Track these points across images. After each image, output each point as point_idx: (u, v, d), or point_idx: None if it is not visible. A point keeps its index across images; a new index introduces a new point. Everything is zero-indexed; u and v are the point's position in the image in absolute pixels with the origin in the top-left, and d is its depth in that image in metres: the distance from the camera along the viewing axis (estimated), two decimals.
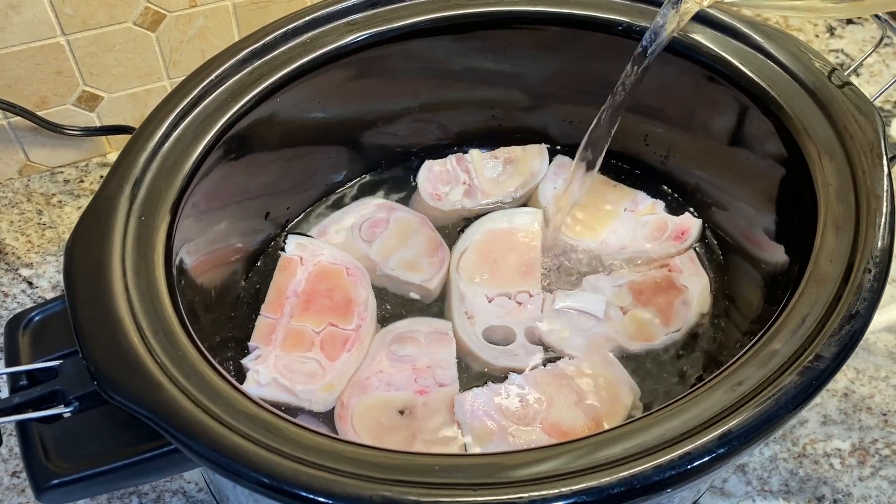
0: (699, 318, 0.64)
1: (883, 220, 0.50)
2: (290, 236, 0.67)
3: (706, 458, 0.41)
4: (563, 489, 0.39)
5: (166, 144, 0.55)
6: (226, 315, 0.64)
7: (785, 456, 0.67)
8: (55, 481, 0.45)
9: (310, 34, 0.62)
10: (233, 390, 0.44)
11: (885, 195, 0.51)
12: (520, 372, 0.60)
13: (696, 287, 0.65)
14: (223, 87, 0.58)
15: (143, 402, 0.42)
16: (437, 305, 0.66)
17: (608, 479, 0.40)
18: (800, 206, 0.55)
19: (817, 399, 0.70)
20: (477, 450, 0.56)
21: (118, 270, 0.48)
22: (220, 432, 0.41)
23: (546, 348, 0.63)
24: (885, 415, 0.70)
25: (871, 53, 0.68)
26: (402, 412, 0.58)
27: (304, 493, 0.39)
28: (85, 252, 0.48)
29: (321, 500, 0.39)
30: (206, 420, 0.42)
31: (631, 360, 0.62)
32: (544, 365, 0.61)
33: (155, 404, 0.42)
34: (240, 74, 0.59)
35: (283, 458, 0.40)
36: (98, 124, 0.86)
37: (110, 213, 0.50)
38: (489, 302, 0.65)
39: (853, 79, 0.99)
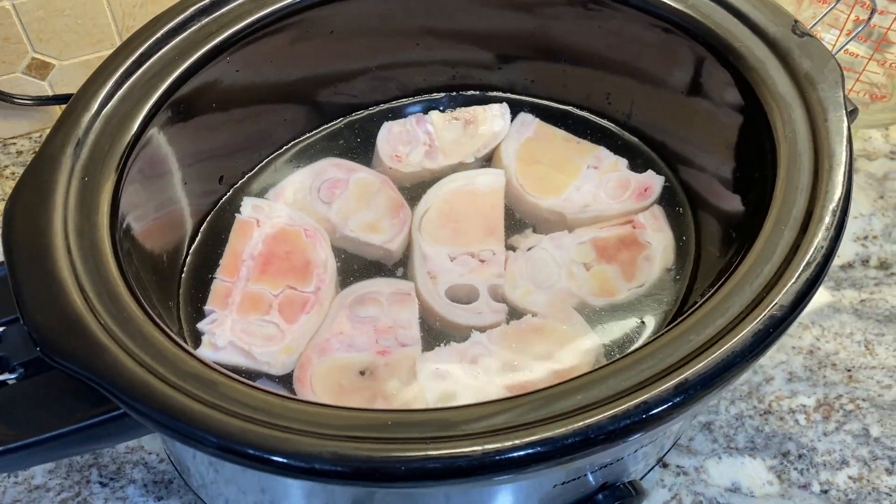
0: (662, 274, 0.64)
1: (841, 170, 0.50)
2: (245, 198, 0.65)
3: (663, 407, 0.41)
4: (517, 441, 0.39)
5: (110, 103, 0.53)
6: (178, 279, 0.62)
7: (751, 413, 0.67)
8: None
9: None
10: (180, 351, 0.43)
11: (843, 146, 0.51)
12: (483, 330, 0.60)
13: (660, 243, 0.65)
14: (170, 45, 0.57)
15: (87, 364, 0.41)
16: (398, 267, 0.65)
17: (563, 429, 0.39)
18: (760, 157, 0.55)
19: (783, 356, 0.71)
20: None
21: (60, 232, 0.46)
22: (166, 393, 0.40)
23: (509, 306, 0.62)
24: (849, 370, 0.70)
25: (832, 8, 0.68)
26: (362, 373, 0.58)
27: (252, 452, 0.38)
28: (24, 214, 0.47)
29: (270, 458, 0.38)
30: (152, 381, 0.41)
31: (594, 316, 0.62)
32: (507, 322, 0.61)
33: (99, 366, 0.41)
34: (187, 32, 0.57)
35: (232, 417, 0.40)
36: (50, 93, 0.83)
37: (51, 174, 0.49)
38: (452, 261, 0.64)
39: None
